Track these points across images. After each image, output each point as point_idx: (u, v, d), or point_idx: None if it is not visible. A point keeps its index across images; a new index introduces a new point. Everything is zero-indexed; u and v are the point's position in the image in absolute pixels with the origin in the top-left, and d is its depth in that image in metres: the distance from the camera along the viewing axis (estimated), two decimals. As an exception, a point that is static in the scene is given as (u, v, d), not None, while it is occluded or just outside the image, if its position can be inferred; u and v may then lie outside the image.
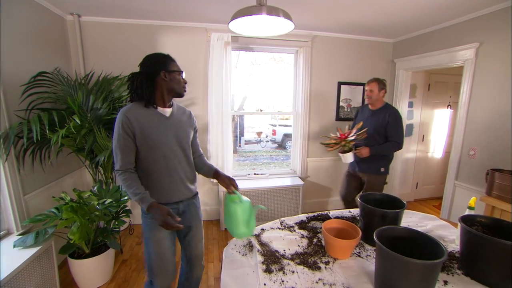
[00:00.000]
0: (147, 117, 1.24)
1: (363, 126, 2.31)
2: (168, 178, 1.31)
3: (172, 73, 1.27)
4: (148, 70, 1.24)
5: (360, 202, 1.41)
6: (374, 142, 2.32)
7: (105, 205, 1.91)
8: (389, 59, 3.29)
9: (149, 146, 1.24)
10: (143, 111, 1.25)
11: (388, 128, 2.26)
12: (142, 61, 1.28)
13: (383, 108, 2.33)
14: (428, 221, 1.66)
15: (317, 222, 1.64)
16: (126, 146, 1.21)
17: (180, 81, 1.31)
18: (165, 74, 1.25)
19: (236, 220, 1.25)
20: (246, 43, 2.88)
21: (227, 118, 2.82)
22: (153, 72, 1.24)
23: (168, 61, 1.27)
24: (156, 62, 1.25)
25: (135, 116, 1.21)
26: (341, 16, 2.45)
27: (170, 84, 1.27)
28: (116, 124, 1.21)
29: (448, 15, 2.35)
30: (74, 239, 1.67)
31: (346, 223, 1.38)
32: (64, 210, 1.62)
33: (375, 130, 2.30)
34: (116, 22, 2.57)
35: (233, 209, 1.26)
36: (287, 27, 1.41)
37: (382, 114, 2.29)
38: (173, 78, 1.27)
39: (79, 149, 2.11)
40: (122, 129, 1.20)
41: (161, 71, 1.24)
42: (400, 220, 1.35)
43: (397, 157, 3.31)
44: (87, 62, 2.56)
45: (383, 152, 2.31)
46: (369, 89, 2.33)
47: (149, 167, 1.27)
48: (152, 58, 1.26)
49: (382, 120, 2.28)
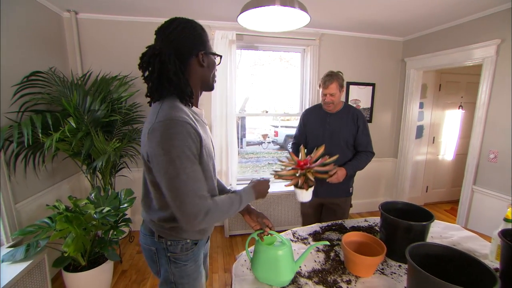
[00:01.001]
0: (197, 121, 0.85)
1: (322, 135, 1.77)
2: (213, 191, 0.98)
3: (211, 56, 0.89)
4: (181, 46, 0.81)
5: (382, 212, 1.29)
6: (342, 157, 1.74)
7: (103, 213, 1.78)
8: (399, 58, 3.16)
9: (206, 162, 0.86)
10: (192, 115, 0.84)
11: (359, 135, 1.78)
12: (167, 28, 0.83)
13: (344, 110, 1.81)
14: (452, 231, 1.53)
15: (332, 233, 1.51)
16: (199, 170, 0.79)
17: (214, 70, 0.94)
18: (203, 56, 0.85)
19: (280, 267, 0.99)
20: (251, 41, 2.76)
21: (231, 119, 2.70)
22: (187, 52, 0.82)
23: (207, 38, 0.88)
24: (193, 36, 0.83)
25: (194, 121, 0.80)
26: (350, 13, 2.33)
27: (207, 71, 0.89)
28: (177, 142, 0.73)
29: (464, 11, 2.23)
30: (69, 252, 1.54)
31: (367, 236, 1.25)
32: (58, 221, 1.49)
33: (343, 141, 1.79)
34: (115, 20, 2.45)
35: (274, 256, 1.00)
36: (302, 20, 1.29)
37: (346, 118, 1.78)
38: (212, 64, 0.90)
39: (76, 153, 1.99)
40: (192, 144, 0.76)
41: (199, 51, 0.84)
42: (427, 234, 1.22)
43: (406, 160, 3.19)
44: (85, 62, 2.44)
45: (359, 169, 1.80)
46: (329, 93, 1.70)
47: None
48: (185, 27, 0.82)
49: (349, 125, 1.77)
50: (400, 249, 1.21)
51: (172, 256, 0.91)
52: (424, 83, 3.22)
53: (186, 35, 0.82)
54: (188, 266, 0.94)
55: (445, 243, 1.40)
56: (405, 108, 3.12)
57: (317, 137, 1.84)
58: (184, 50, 0.82)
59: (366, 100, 3.15)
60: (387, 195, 3.50)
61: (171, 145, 0.72)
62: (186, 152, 0.74)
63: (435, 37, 2.70)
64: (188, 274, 0.95)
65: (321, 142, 1.73)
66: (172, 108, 0.77)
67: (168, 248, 0.91)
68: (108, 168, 2.22)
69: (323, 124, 1.83)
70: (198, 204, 0.75)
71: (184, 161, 0.73)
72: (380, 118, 3.26)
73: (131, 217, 2.82)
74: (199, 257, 0.99)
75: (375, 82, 3.13)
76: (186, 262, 0.93)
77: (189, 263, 0.94)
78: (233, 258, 2.43)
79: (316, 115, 1.89)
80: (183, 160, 0.73)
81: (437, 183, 3.70)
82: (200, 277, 1.00)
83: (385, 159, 3.39)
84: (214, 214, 0.78)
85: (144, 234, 0.95)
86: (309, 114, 1.95)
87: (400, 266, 1.19)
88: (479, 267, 0.84)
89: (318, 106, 1.92)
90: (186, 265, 0.93)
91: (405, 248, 1.19)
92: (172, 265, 0.92)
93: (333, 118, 1.81)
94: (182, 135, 0.73)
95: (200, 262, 1.00)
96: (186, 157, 0.74)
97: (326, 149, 1.66)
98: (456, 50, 2.45)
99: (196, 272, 0.97)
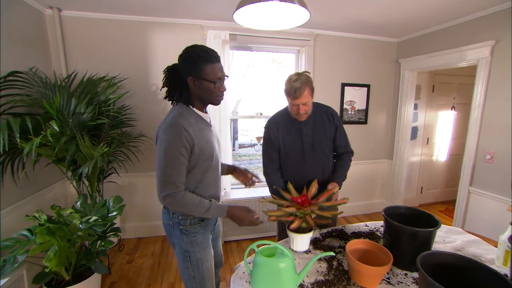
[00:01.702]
0: (196, 125, 1.09)
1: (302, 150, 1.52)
2: (213, 190, 1.22)
3: (202, 81, 1.06)
4: (180, 69, 1.08)
5: (386, 218, 1.23)
6: (326, 165, 1.57)
7: (90, 223, 1.66)
8: (393, 59, 3.16)
9: (202, 158, 1.10)
10: (192, 118, 1.10)
11: (338, 136, 1.55)
12: (181, 53, 1.09)
13: (316, 112, 1.54)
14: (455, 235, 1.49)
15: (333, 239, 1.44)
16: (183, 164, 1.04)
17: (212, 91, 1.08)
18: (193, 81, 1.06)
19: (282, 281, 0.94)
20: (244, 42, 2.69)
21: (225, 121, 2.61)
22: (183, 75, 1.08)
23: (201, 64, 1.04)
24: (186, 62, 1.05)
25: (191, 126, 1.05)
26: (345, 13, 2.30)
27: (199, 92, 1.09)
28: (171, 138, 1.01)
29: (459, 13, 2.23)
30: (51, 266, 1.42)
31: (371, 243, 1.19)
32: (38, 233, 1.37)
33: (327, 148, 1.55)
34: (102, 18, 2.33)
35: (276, 268, 0.94)
36: (301, 17, 1.23)
37: (321, 121, 1.53)
38: (203, 87, 1.07)
39: (60, 159, 1.86)
40: (182, 145, 1.02)
41: (188, 76, 1.06)
42: (433, 240, 1.17)
43: (402, 162, 3.18)
44: (70, 62, 2.31)
45: (345, 177, 1.60)
46: (301, 103, 1.39)
47: (196, 181, 1.14)
48: (185, 54, 1.06)
49: (327, 128, 1.53)
50: (405, 257, 1.16)
51: (184, 229, 1.15)
52: (418, 84, 3.22)
53: (182, 61, 1.07)
54: (197, 237, 1.17)
55: (449, 248, 1.36)
56: (400, 109, 3.11)
57: (296, 152, 1.53)
58: (182, 72, 1.08)
59: (361, 101, 3.12)
60: (382, 197, 3.48)
61: (166, 140, 1.01)
62: (174, 147, 1.01)
63: (429, 38, 2.70)
64: (198, 243, 1.17)
65: (301, 157, 1.53)
66: (178, 114, 1.06)
67: (180, 222, 1.15)
68: (95, 174, 2.10)
69: (299, 136, 1.51)
70: (166, 187, 1.02)
71: (170, 153, 1.01)
72: (375, 120, 3.25)
73: (121, 225, 2.70)
74: (206, 231, 1.22)
75: (370, 83, 3.11)
76: (195, 234, 1.17)
77: (198, 235, 1.17)
78: (228, 267, 2.34)
79: (288, 128, 1.52)
80: (170, 152, 1.01)
81: (431, 184, 3.71)
82: (208, 248, 1.22)
83: (381, 160, 3.37)
84: (176, 202, 1.04)
85: (163, 211, 1.20)
86: (278, 127, 1.53)
87: (407, 275, 1.14)
88: (492, 276, 0.79)
89: (284, 114, 1.55)
90: (196, 236, 1.17)
91: (411, 255, 1.15)
92: (184, 236, 1.16)
93: (309, 126, 1.51)
94: (176, 136, 1.01)
95: (207, 237, 1.23)
96: (173, 150, 1.01)
97: (307, 163, 1.54)
98: (451, 51, 2.45)
99: (205, 243, 1.20)
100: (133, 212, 2.73)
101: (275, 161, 1.58)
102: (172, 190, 1.03)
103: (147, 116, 2.54)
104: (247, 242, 2.74)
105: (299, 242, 1.23)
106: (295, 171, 1.58)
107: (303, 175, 1.56)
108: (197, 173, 1.12)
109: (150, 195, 2.70)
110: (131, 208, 2.68)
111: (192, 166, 1.09)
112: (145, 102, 2.53)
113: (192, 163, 1.08)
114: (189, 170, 1.09)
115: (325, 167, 1.58)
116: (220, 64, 1.08)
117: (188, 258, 1.17)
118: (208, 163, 1.13)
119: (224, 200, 2.60)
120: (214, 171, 1.19)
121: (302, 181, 1.54)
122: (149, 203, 2.72)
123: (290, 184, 1.40)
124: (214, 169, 1.19)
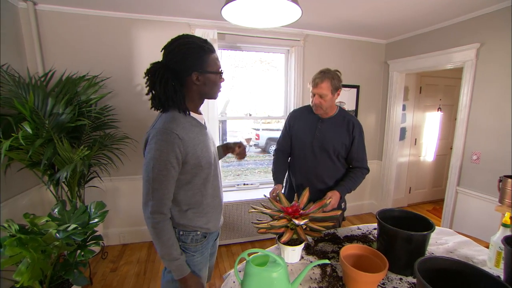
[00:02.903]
0: (191, 130, 0.95)
1: (310, 143, 1.51)
2: (216, 200, 1.09)
3: (208, 74, 0.95)
4: (176, 67, 0.91)
5: (379, 221, 1.20)
6: (333, 171, 1.53)
7: (68, 232, 1.55)
8: (382, 61, 3.18)
9: (200, 167, 0.97)
10: (187, 122, 0.95)
11: (354, 148, 1.49)
12: (167, 47, 0.93)
13: (338, 117, 1.51)
14: (446, 236, 1.48)
15: (326, 244, 1.40)
16: (173, 178, 0.91)
17: (217, 83, 0.99)
18: (198, 76, 0.93)
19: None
20: (233, 41, 2.63)
21: (213, 123, 2.54)
22: (183, 72, 0.91)
23: (206, 56, 0.93)
24: (189, 56, 0.90)
25: (185, 132, 0.91)
26: (335, 12, 2.28)
27: (203, 88, 0.96)
28: (161, 146, 0.86)
29: (445, 15, 2.27)
30: (22, 281, 1.30)
31: (366, 248, 1.15)
32: (8, 246, 1.25)
33: (334, 152, 1.50)
34: (82, 14, 2.21)
35: (268, 279, 0.88)
36: (292, 14, 1.18)
37: (339, 125, 1.50)
38: (209, 81, 0.96)
39: (35, 163, 1.73)
40: (174, 155, 0.87)
41: (193, 71, 0.92)
42: (427, 243, 1.15)
43: (391, 162, 3.20)
44: (47, 60, 2.17)
45: (353, 189, 1.52)
46: (318, 94, 1.41)
47: (196, 193, 1.01)
48: (183, 49, 0.90)
49: (343, 135, 1.49)
50: (400, 261, 1.13)
51: (183, 246, 1.02)
52: (406, 86, 3.27)
53: (182, 57, 0.90)
54: (195, 257, 1.04)
55: (441, 250, 1.35)
56: (389, 110, 3.14)
57: (304, 144, 1.55)
58: (180, 71, 0.91)
59: (351, 102, 3.13)
60: (372, 198, 3.50)
61: (156, 149, 0.87)
62: (165, 158, 0.87)
63: (418, 40, 2.74)
64: (194, 265, 1.04)
65: (309, 151, 1.53)
66: (170, 119, 0.91)
67: (180, 237, 1.02)
68: (75, 178, 1.97)
69: (312, 130, 1.52)
70: (153, 206, 0.89)
71: (159, 164, 0.87)
72: (365, 121, 3.26)
73: (104, 231, 2.57)
74: (206, 251, 1.10)
75: (359, 84, 3.12)
76: (194, 253, 1.04)
77: (197, 254, 1.05)
78: (217, 272, 2.26)
79: (305, 118, 1.58)
80: (160, 163, 0.87)
81: (419, 184, 3.77)
82: (204, 270, 1.10)
83: (370, 161, 3.38)
84: (155, 226, 0.90)
85: None
86: (296, 116, 1.63)
87: (402, 280, 1.11)
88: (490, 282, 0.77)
89: (308, 108, 1.60)
90: (194, 256, 1.04)
91: (406, 259, 1.13)
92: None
93: (325, 125, 1.51)
94: (167, 144, 0.87)
95: (206, 256, 1.10)
96: (163, 161, 0.87)
97: (312, 161, 1.53)
98: (438, 53, 2.49)
99: (201, 264, 1.07)
100: (117, 218, 2.60)
101: (283, 144, 1.67)
102: (157, 213, 0.90)
103: (131, 117, 2.42)
104: (237, 246, 2.67)
105: (290, 254, 1.17)
106: (297, 164, 1.62)
107: (305, 170, 1.58)
108: (197, 183, 0.99)
109: (135, 200, 2.59)
110: (115, 213, 2.55)
111: (190, 178, 0.96)
112: (129, 103, 2.41)
113: (190, 175, 0.96)
114: (188, 182, 0.97)
115: (329, 173, 1.54)
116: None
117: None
118: (207, 172, 1.00)
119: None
120: (215, 179, 1.06)
121: (302, 178, 1.59)
122: (134, 207, 2.60)
123: (281, 194, 1.35)
124: (215, 177, 1.06)
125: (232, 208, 2.57)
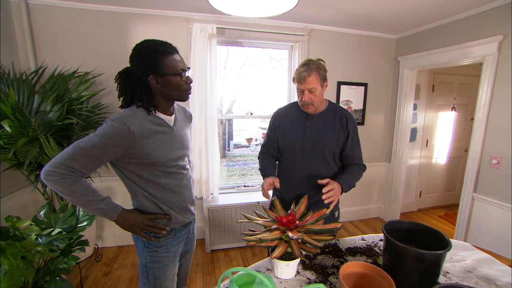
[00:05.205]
0: (148, 128, 0.97)
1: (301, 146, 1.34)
2: (177, 197, 1.10)
3: (166, 76, 0.95)
4: (135, 71, 0.96)
5: (386, 235, 1.05)
6: (326, 174, 1.34)
7: (51, 237, 1.46)
8: (392, 57, 2.99)
9: (149, 164, 1.00)
10: (147, 122, 0.97)
11: (349, 145, 1.35)
12: (131, 53, 0.97)
13: (329, 111, 1.36)
14: (463, 251, 1.32)
15: (326, 256, 1.26)
16: (98, 160, 0.91)
17: (179, 85, 0.98)
18: (157, 79, 0.95)
19: None
20: (234, 36, 2.50)
21: (212, 122, 2.42)
22: (142, 75, 0.95)
23: (160, 59, 0.93)
24: (142, 61, 0.93)
25: (141, 129, 0.94)
26: (341, 4, 2.12)
27: (164, 90, 0.98)
28: (108, 130, 0.89)
29: (462, 6, 2.07)
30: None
31: (370, 267, 1.01)
32: (-19, 253, 1.16)
33: (329, 152, 1.34)
34: (76, 7, 2.12)
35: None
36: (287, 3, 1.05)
37: (331, 121, 1.34)
38: (168, 83, 0.96)
39: (20, 163, 1.66)
40: (114, 144, 0.89)
41: (150, 75, 0.94)
42: (442, 264, 1.00)
43: (400, 164, 3.02)
44: (39, 55, 2.10)
45: (353, 186, 1.34)
46: (307, 89, 1.25)
47: (156, 188, 1.05)
48: (138, 53, 0.94)
49: (337, 131, 1.33)
50: (409, 283, 0.98)
51: (146, 241, 1.06)
52: (418, 84, 3.07)
53: (137, 62, 0.94)
54: (159, 253, 1.06)
55: (457, 269, 1.18)
56: (398, 109, 2.95)
57: (293, 147, 1.36)
58: (140, 74, 0.95)
59: (358, 101, 2.96)
60: (380, 202, 3.32)
61: (102, 129, 0.90)
62: (105, 141, 0.88)
63: (431, 34, 2.54)
64: (159, 260, 1.07)
65: (299, 153, 1.35)
66: (130, 113, 0.95)
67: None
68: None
69: (301, 129, 1.34)
70: (61, 167, 0.85)
71: (96, 143, 0.87)
72: (373, 121, 3.08)
73: (98, 232, 2.50)
74: (173, 248, 1.11)
75: (367, 82, 2.94)
76: (158, 248, 1.06)
77: (160, 250, 1.06)
78: (213, 278, 2.16)
79: (291, 117, 1.39)
80: (97, 142, 0.88)
81: (430, 188, 3.56)
82: (171, 266, 1.11)
83: (378, 163, 3.21)
84: (62, 185, 0.86)
85: None
86: (282, 115, 1.43)
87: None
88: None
89: (294, 105, 1.42)
90: (157, 251, 1.06)
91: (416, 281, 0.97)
92: (146, 250, 1.07)
93: (315, 122, 1.34)
94: (115, 132, 0.89)
95: (172, 253, 1.11)
96: (100, 142, 0.88)
97: (304, 163, 1.35)
98: (454, 47, 2.29)
99: (167, 260, 1.09)
100: (112, 219, 2.52)
101: (268, 148, 1.49)
102: (65, 173, 0.86)
103: (127, 116, 2.33)
104: (235, 251, 2.55)
105: (284, 269, 1.04)
106: (286, 170, 1.42)
107: (292, 176, 1.39)
108: (153, 180, 1.03)
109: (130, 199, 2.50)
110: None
111: (141, 171, 1.00)
112: (124, 101, 2.32)
113: (139, 168, 0.99)
114: (141, 176, 1.01)
115: (321, 175, 1.33)
116: (179, 55, 1.00)
117: (145, 274, 1.09)
118: (162, 169, 1.02)
119: (211, 206, 2.41)
120: (178, 178, 1.09)
121: (290, 186, 1.38)
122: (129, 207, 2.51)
123: (276, 200, 1.22)
124: (178, 176, 1.09)
125: (230, 211, 2.45)
